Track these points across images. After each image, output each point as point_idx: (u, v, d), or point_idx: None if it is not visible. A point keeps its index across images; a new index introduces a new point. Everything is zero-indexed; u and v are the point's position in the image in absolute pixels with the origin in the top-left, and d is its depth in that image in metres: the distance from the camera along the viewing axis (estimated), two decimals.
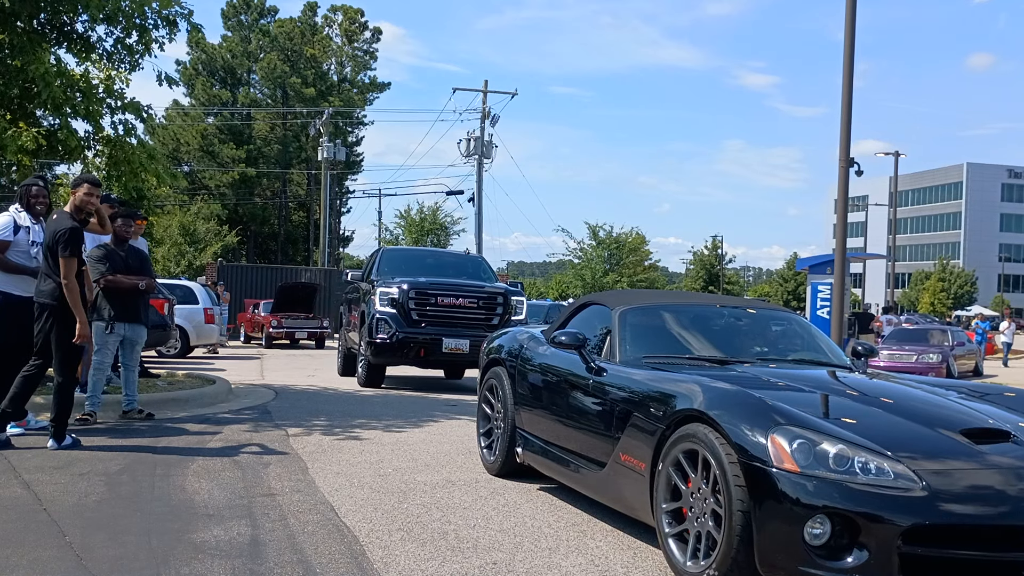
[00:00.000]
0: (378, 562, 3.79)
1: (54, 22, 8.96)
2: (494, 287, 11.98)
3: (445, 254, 15.19)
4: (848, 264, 20.90)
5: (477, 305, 11.45)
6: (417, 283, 11.39)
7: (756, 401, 3.68)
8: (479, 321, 11.39)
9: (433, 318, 11.22)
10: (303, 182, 62.33)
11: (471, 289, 11.62)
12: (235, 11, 63.92)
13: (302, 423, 7.83)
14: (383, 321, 11.06)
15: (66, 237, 6.01)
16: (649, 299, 5.70)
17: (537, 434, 5.27)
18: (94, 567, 3.57)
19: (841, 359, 5.21)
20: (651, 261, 57.97)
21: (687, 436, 3.73)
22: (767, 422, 3.47)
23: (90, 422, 7.22)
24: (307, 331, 23.13)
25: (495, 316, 11.52)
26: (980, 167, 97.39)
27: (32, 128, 8.49)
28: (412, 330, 11.10)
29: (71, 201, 6.41)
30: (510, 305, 11.60)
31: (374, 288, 11.45)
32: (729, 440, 3.49)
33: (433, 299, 11.26)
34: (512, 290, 12.00)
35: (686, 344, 5.02)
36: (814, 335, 5.43)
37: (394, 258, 13.27)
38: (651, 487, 3.92)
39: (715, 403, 3.71)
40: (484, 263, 13.82)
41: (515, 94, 37.09)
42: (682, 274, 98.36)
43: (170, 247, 42.57)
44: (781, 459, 3.33)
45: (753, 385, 4.06)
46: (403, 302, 11.15)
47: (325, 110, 45.78)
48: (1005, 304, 57.54)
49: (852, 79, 15.27)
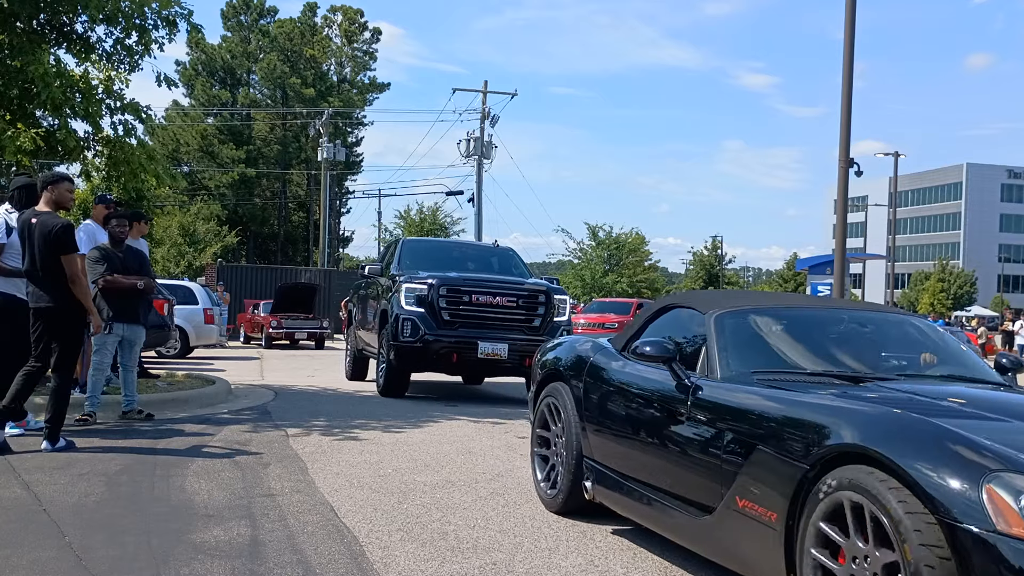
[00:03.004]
0: (378, 562, 3.79)
1: (54, 23, 8.97)
2: (535, 284, 10.57)
3: (472, 246, 13.37)
4: (848, 264, 20.94)
5: (516, 304, 10.10)
6: (448, 279, 10.06)
7: (948, 435, 2.69)
8: (518, 322, 10.12)
9: (467, 318, 9.90)
10: (303, 182, 62.36)
11: (510, 286, 10.27)
12: (235, 11, 63.96)
13: (302, 423, 7.83)
14: (410, 321, 9.73)
15: (63, 234, 5.96)
16: (750, 301, 4.63)
17: (612, 466, 4.36)
18: (94, 567, 3.57)
19: (991, 374, 4.22)
20: (651, 261, 58.00)
21: (846, 483, 2.76)
22: (975, 467, 2.52)
23: (90, 422, 7.21)
24: (307, 332, 23.13)
25: (536, 317, 10.18)
26: (980, 167, 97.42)
27: (31, 129, 8.49)
28: (443, 332, 9.79)
29: (49, 198, 6.20)
30: (552, 304, 10.26)
31: (397, 283, 10.10)
32: (916, 490, 2.55)
33: (467, 297, 9.93)
34: (555, 288, 10.57)
35: (804, 356, 4.02)
36: (950, 343, 4.44)
37: (416, 250, 11.98)
38: (787, 545, 3.01)
39: (885, 437, 2.74)
40: (516, 256, 12.37)
41: (515, 94, 37.11)
42: (682, 274, 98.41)
43: (170, 248, 42.59)
44: (1007, 521, 2.39)
45: (929, 412, 3.05)
46: (433, 300, 9.82)
47: (325, 110, 45.80)
48: (1005, 304, 57.50)
49: (852, 79, 15.29)
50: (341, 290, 30.60)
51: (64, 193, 6.28)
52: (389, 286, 10.46)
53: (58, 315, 6.04)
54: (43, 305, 6.04)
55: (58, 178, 6.34)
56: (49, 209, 6.17)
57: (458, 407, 9.69)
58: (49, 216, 6.09)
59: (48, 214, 6.12)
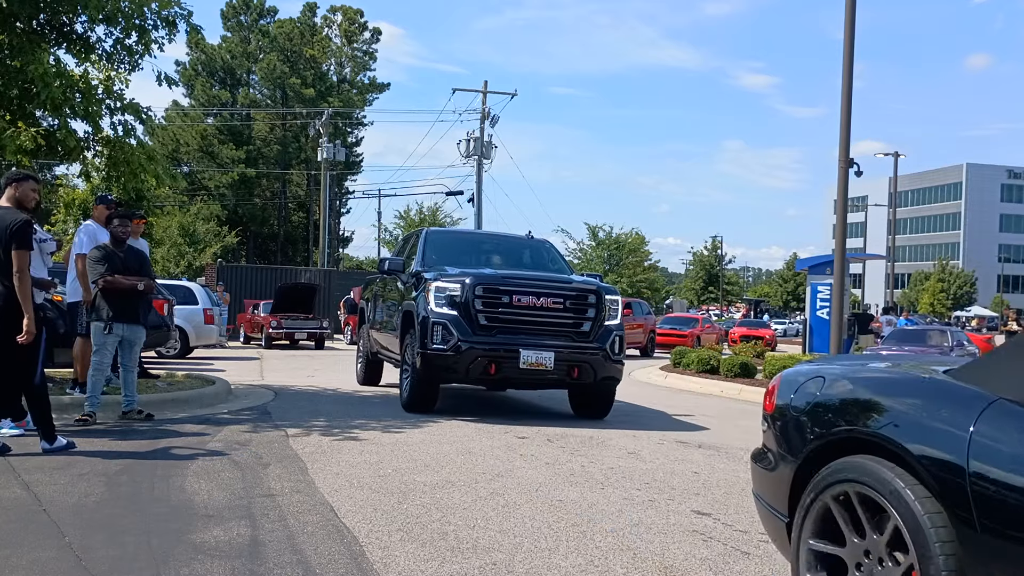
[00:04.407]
0: (378, 563, 3.79)
1: (53, 23, 8.97)
2: (584, 282, 9.27)
3: (504, 238, 11.72)
4: (848, 265, 20.93)
5: (563, 306, 8.86)
6: (485, 276, 8.87)
7: None
8: (565, 327, 8.87)
9: (506, 323, 8.70)
10: (303, 183, 62.39)
11: (556, 285, 9.01)
12: (234, 12, 64.00)
13: (301, 424, 7.83)
14: (441, 326, 8.54)
15: (20, 229, 5.87)
16: None
17: None
18: (94, 568, 3.57)
19: None
20: (651, 262, 57.99)
21: None
22: None
23: (90, 423, 7.21)
24: (306, 332, 23.15)
25: (585, 320, 8.92)
26: (979, 167, 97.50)
27: (31, 128, 8.49)
28: (480, 338, 8.57)
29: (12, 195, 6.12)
30: (603, 306, 8.99)
31: (424, 281, 8.93)
32: None
33: (507, 297, 8.70)
34: (605, 286, 9.30)
35: None
36: None
37: (441, 242, 10.71)
38: None
39: None
40: (554, 250, 11.12)
41: (515, 95, 37.11)
42: (682, 275, 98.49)
43: (170, 248, 42.60)
44: None
45: None
46: (467, 301, 8.61)
47: (325, 111, 45.81)
48: (1005, 304, 57.64)
49: (852, 79, 15.29)
50: (341, 290, 30.64)
51: (28, 192, 6.19)
52: (413, 283, 9.40)
53: (11, 313, 5.87)
54: None
55: (24, 176, 6.28)
56: (9, 205, 6.10)
57: (458, 407, 9.69)
58: (8, 211, 6.02)
59: (7, 209, 6.04)
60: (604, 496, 5.36)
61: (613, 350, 8.92)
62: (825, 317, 20.56)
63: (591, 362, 8.78)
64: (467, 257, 10.17)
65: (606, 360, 8.85)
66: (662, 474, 6.21)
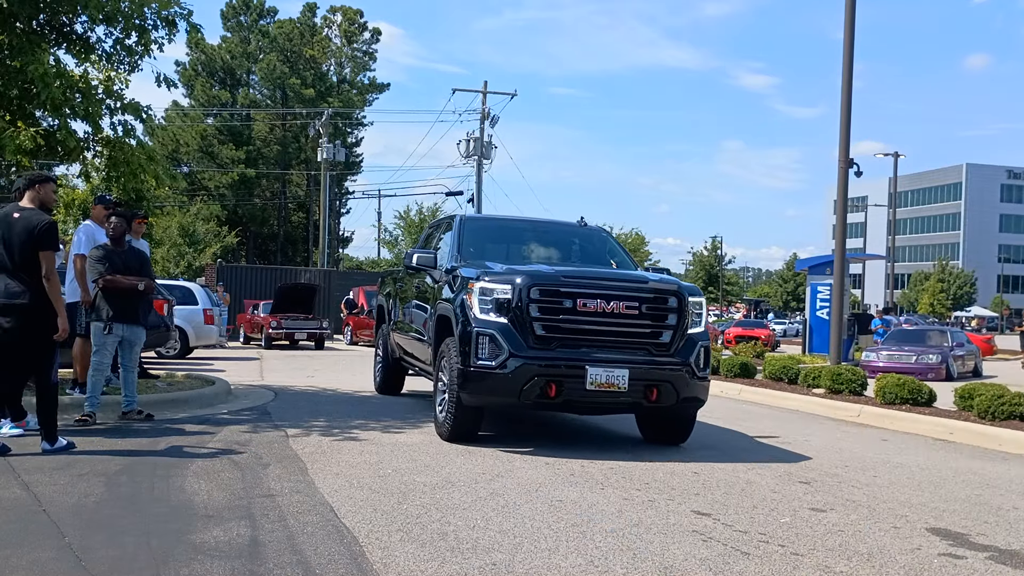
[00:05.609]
0: (377, 563, 3.79)
1: (53, 23, 8.97)
2: (662, 281, 7.51)
3: (551, 225, 9.73)
4: (847, 265, 20.95)
5: (639, 312, 7.11)
6: (541, 275, 7.16)
7: None
8: (641, 337, 7.14)
9: (569, 333, 6.98)
10: (302, 183, 62.39)
11: (629, 285, 7.27)
12: (234, 12, 64.01)
13: (301, 424, 7.83)
14: (487, 337, 6.87)
15: (47, 231, 5.95)
16: None
17: None
18: (93, 568, 3.57)
19: None
20: (650, 262, 58.04)
21: None
22: None
23: (89, 423, 7.21)
24: (306, 332, 23.16)
25: (665, 329, 7.18)
26: (979, 168, 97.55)
27: (31, 128, 8.48)
28: (536, 353, 6.87)
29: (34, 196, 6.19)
30: (686, 311, 7.25)
31: (463, 280, 7.34)
32: None
33: (570, 301, 6.96)
34: (688, 286, 7.58)
35: None
36: None
37: (481, 231, 8.98)
38: None
39: None
40: (611, 239, 9.45)
41: (514, 95, 37.13)
42: (682, 275, 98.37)
43: (169, 248, 42.63)
44: None
45: None
46: (521, 306, 6.91)
47: (324, 111, 45.83)
48: (1005, 305, 57.70)
49: (851, 79, 15.29)
50: (341, 290, 30.66)
51: (50, 193, 6.32)
52: (448, 282, 7.80)
53: (35, 312, 5.95)
54: (19, 302, 5.94)
55: (46, 178, 6.37)
56: (33, 206, 6.17)
57: None
58: (33, 212, 6.09)
59: (32, 210, 6.11)
60: (604, 496, 5.36)
61: (698, 365, 7.21)
62: (825, 317, 20.59)
63: (673, 380, 7.05)
64: (509, 249, 8.78)
65: (691, 377, 7.14)
66: (662, 474, 6.21)
